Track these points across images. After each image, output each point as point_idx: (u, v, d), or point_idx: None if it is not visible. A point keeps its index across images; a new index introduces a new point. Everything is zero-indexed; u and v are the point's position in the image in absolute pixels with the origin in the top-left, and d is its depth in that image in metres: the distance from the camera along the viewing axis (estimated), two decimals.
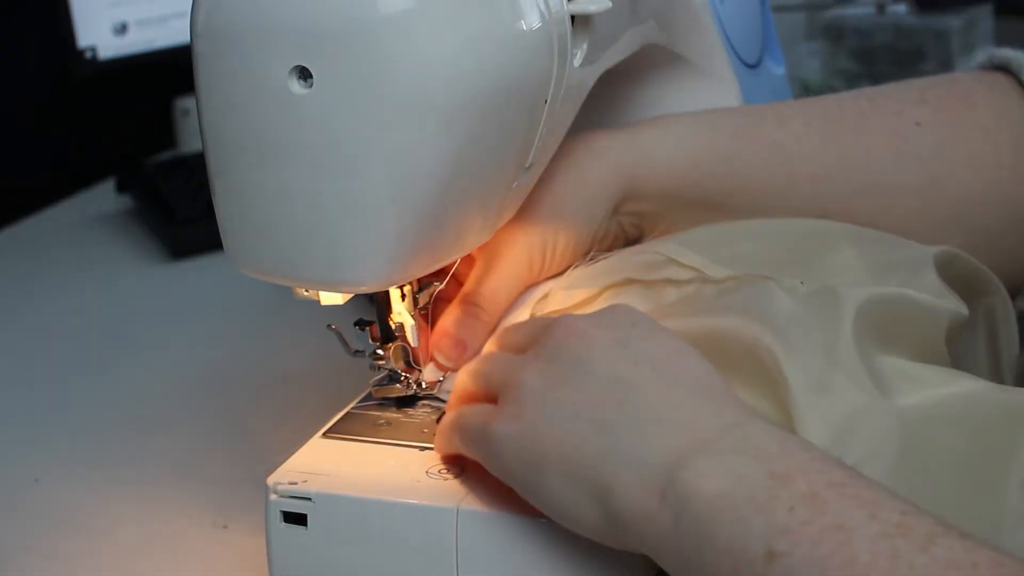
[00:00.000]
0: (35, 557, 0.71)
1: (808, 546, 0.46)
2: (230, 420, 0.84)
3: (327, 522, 0.61)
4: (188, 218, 1.15)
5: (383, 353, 0.69)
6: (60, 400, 0.90)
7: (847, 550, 0.45)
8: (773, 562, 0.46)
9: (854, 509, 0.47)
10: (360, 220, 0.59)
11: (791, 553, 0.46)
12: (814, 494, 0.48)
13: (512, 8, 0.60)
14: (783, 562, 0.46)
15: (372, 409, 0.69)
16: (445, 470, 0.62)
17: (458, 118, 0.59)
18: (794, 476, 0.49)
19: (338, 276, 0.61)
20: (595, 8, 0.65)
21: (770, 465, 0.49)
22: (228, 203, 0.62)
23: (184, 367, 0.93)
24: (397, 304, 0.67)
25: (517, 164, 0.65)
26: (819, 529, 0.46)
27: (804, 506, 0.47)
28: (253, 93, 0.58)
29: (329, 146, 0.58)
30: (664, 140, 0.74)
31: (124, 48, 1.28)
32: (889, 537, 0.45)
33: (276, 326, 0.97)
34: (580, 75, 0.68)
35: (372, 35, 0.56)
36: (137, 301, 1.08)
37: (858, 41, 1.34)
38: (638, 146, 0.73)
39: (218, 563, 0.69)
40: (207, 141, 0.61)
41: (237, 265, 0.63)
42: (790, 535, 0.47)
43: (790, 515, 0.47)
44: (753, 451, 0.50)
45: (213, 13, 0.59)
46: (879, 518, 0.46)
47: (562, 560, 0.58)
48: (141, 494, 0.76)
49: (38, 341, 1.01)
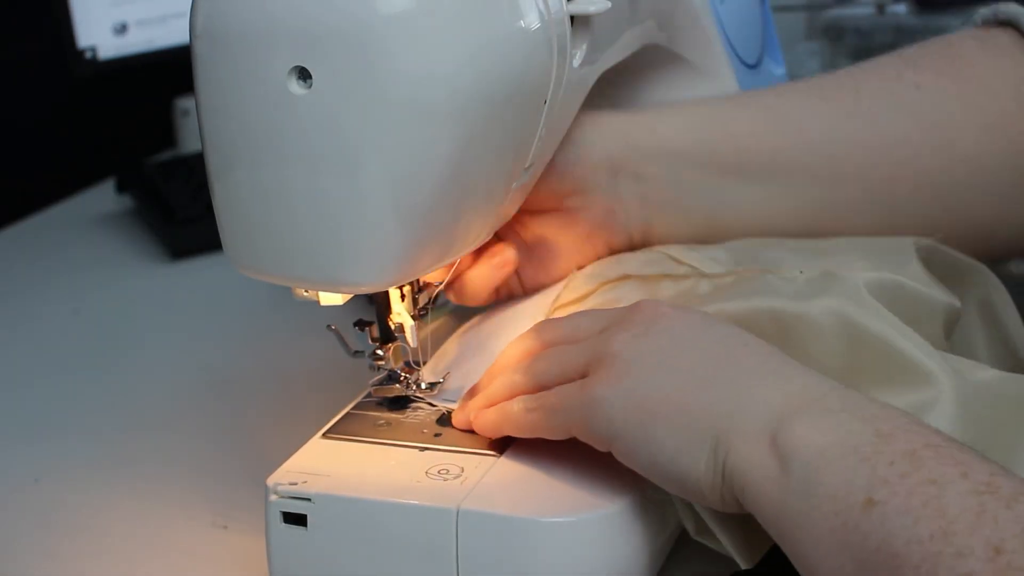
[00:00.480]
0: (35, 557, 0.71)
1: (904, 496, 0.49)
2: (230, 420, 0.84)
3: (327, 522, 0.61)
4: (188, 218, 1.15)
5: (382, 353, 0.69)
6: (60, 400, 0.90)
7: (938, 502, 0.48)
8: (871, 508, 0.49)
9: (948, 467, 0.49)
10: (360, 220, 0.59)
11: (887, 502, 0.49)
12: (913, 451, 0.50)
13: (512, 8, 0.60)
14: (880, 509, 0.49)
15: (372, 409, 0.69)
16: (445, 470, 0.62)
17: (457, 118, 0.59)
18: (896, 435, 0.51)
19: (338, 276, 0.61)
20: (595, 8, 0.65)
21: (876, 424, 0.52)
22: (228, 203, 0.62)
23: (184, 367, 0.93)
24: (397, 304, 0.67)
25: (517, 164, 0.65)
26: (915, 482, 0.49)
27: (903, 461, 0.50)
28: (253, 93, 0.58)
29: (329, 146, 0.58)
30: (661, 110, 0.75)
31: (124, 48, 1.28)
32: (978, 494, 0.48)
33: (276, 326, 0.97)
34: (580, 75, 0.68)
35: (372, 35, 0.56)
36: (137, 301, 1.08)
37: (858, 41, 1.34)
38: (635, 115, 0.75)
39: (218, 563, 0.69)
40: (207, 141, 0.61)
41: (237, 265, 0.63)
42: (888, 485, 0.49)
43: (890, 468, 0.50)
44: (859, 411, 0.53)
45: (213, 14, 0.59)
46: (970, 477, 0.49)
47: (562, 560, 0.58)
48: (141, 494, 0.76)
49: (38, 341, 1.01)
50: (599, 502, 0.59)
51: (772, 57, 0.92)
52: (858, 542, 0.49)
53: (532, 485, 0.61)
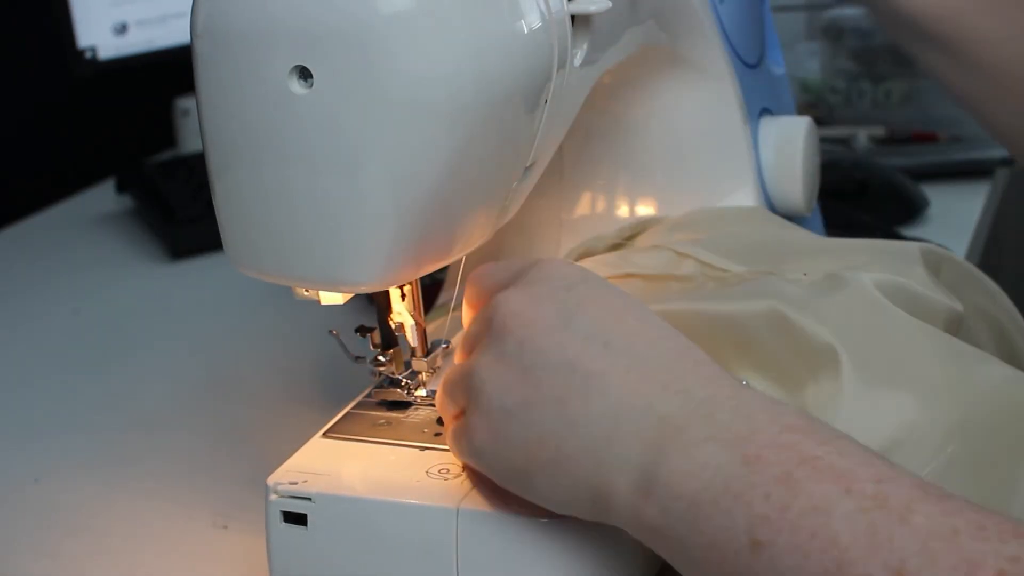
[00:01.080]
0: (35, 557, 0.71)
1: (788, 533, 0.46)
2: (230, 420, 0.84)
3: (327, 522, 0.61)
4: (188, 218, 1.15)
5: (384, 359, 0.69)
6: (60, 400, 0.90)
7: (826, 532, 0.45)
8: (758, 551, 0.47)
9: (829, 484, 0.47)
10: (360, 220, 0.59)
11: (773, 541, 0.46)
12: (787, 475, 0.47)
13: (512, 8, 0.60)
14: (767, 551, 0.46)
15: (372, 409, 0.69)
16: (445, 470, 0.62)
17: (458, 118, 0.59)
18: (765, 457, 0.48)
19: (338, 276, 0.61)
20: (595, 8, 0.65)
21: (741, 449, 0.49)
22: (228, 203, 0.62)
23: (184, 367, 0.93)
24: (397, 304, 0.67)
25: (517, 164, 0.65)
26: (796, 513, 0.46)
27: (779, 490, 0.47)
28: (253, 93, 0.58)
29: (329, 146, 0.58)
30: None
31: (124, 48, 1.28)
32: (866, 512, 0.45)
33: (276, 326, 0.97)
34: (580, 75, 0.68)
35: (372, 35, 0.56)
36: (137, 301, 1.08)
37: (858, 41, 1.33)
38: None
39: (218, 563, 0.69)
40: (207, 141, 0.61)
41: (237, 265, 0.63)
42: (769, 523, 0.47)
43: (767, 502, 0.47)
44: (723, 434, 0.50)
45: (213, 13, 0.59)
46: (854, 492, 0.46)
47: (562, 560, 0.58)
48: (141, 494, 0.76)
49: (38, 341, 1.01)
50: None
51: (772, 57, 0.92)
52: None
53: None
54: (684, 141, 0.82)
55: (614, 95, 0.82)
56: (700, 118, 0.83)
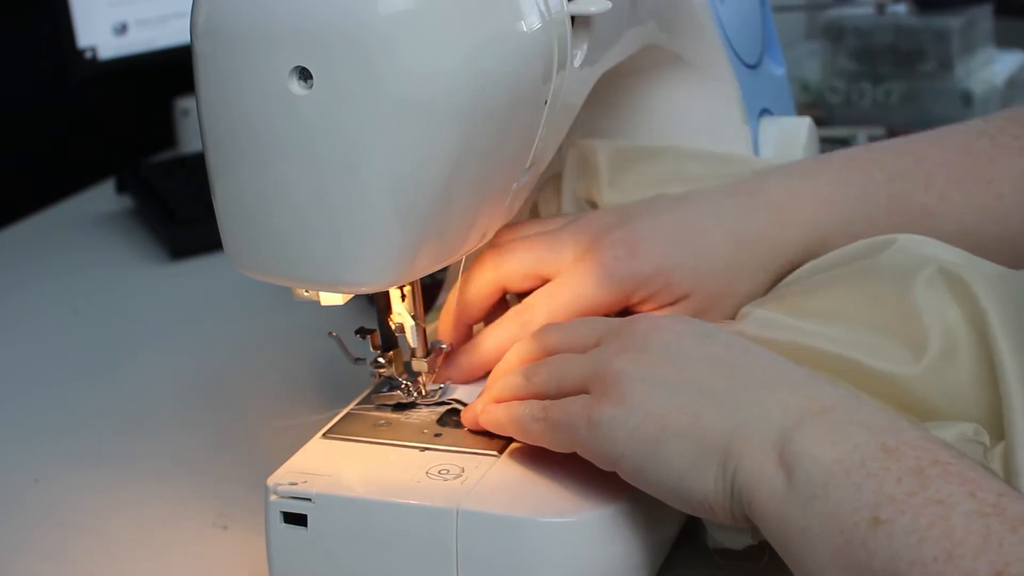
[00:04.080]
0: (35, 557, 0.71)
1: (911, 516, 0.49)
2: (230, 420, 0.84)
3: (327, 522, 0.61)
4: (188, 218, 1.15)
5: (384, 361, 0.69)
6: (60, 400, 0.90)
7: (944, 524, 0.48)
8: (877, 527, 0.49)
9: (956, 486, 0.49)
10: (360, 220, 0.59)
11: (894, 520, 0.49)
12: (920, 469, 0.50)
13: (512, 9, 0.60)
14: (886, 528, 0.49)
15: (372, 409, 0.69)
16: (445, 470, 0.62)
17: (458, 118, 0.59)
18: (903, 450, 0.51)
19: (338, 276, 0.61)
20: (595, 9, 0.65)
21: (882, 438, 0.52)
22: (228, 203, 0.62)
23: (184, 367, 0.93)
24: (397, 304, 0.68)
25: (518, 164, 0.65)
26: (921, 501, 0.49)
27: (911, 479, 0.50)
28: (253, 93, 0.58)
29: (329, 146, 0.58)
30: None
31: (124, 48, 1.28)
32: (984, 516, 0.48)
33: (276, 326, 0.97)
34: (580, 75, 0.68)
35: (372, 36, 0.56)
36: (137, 301, 1.08)
37: (858, 41, 1.33)
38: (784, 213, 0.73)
39: (218, 563, 0.69)
40: (207, 141, 0.61)
41: (237, 265, 0.63)
42: (895, 504, 0.49)
43: (897, 485, 0.50)
44: (867, 423, 0.53)
45: (213, 14, 0.59)
46: (977, 497, 0.49)
47: (561, 560, 0.58)
48: (141, 494, 0.76)
49: (38, 341, 1.01)
50: (598, 502, 0.59)
51: (772, 57, 0.92)
52: (863, 561, 0.49)
53: (532, 485, 0.61)
54: (684, 141, 0.82)
55: (614, 95, 0.82)
56: (700, 118, 0.83)
